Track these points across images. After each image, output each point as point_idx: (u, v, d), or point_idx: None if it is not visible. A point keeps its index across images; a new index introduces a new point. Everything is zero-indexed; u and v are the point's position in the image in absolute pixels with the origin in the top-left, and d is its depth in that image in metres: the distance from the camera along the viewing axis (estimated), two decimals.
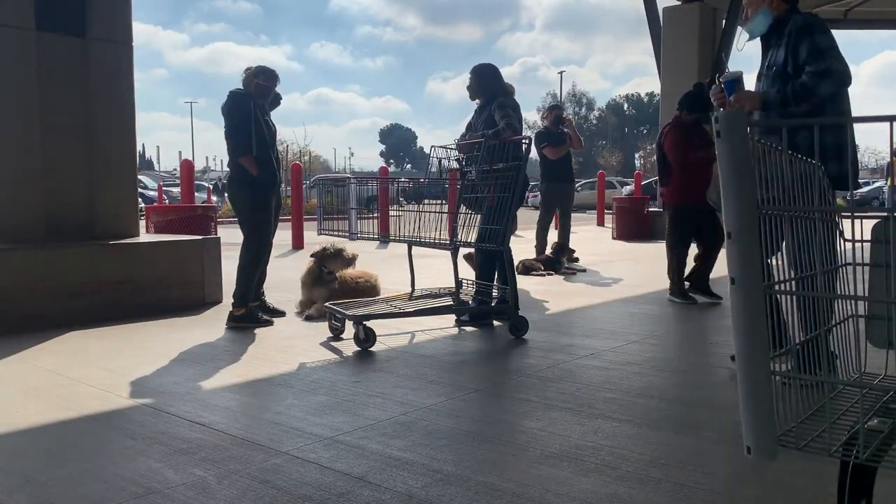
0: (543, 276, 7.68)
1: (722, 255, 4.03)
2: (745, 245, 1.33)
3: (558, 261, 8.11)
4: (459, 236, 4.63)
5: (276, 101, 5.31)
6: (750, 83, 3.47)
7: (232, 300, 4.95)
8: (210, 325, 4.95)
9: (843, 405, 1.57)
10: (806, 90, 3.17)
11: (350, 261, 5.61)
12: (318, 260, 5.46)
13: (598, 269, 8.21)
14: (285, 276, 6.69)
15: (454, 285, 4.67)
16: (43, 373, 3.69)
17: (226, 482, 2.28)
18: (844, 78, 3.17)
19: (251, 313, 4.95)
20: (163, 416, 2.95)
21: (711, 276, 5.99)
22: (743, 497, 2.14)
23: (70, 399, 3.22)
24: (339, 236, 5.18)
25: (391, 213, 6.17)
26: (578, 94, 75.77)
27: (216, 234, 6.62)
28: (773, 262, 1.51)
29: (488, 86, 5.13)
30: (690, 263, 6.04)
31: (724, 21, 13.07)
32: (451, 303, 4.68)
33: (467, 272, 5.05)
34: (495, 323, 4.93)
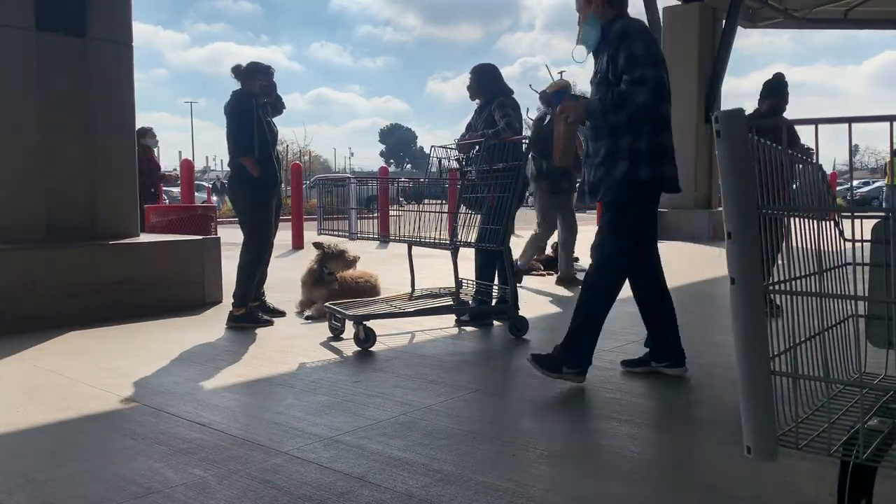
0: (543, 275, 7.68)
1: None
2: (745, 245, 1.33)
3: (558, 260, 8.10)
4: (459, 236, 4.63)
5: (280, 107, 5.29)
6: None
7: (232, 300, 4.95)
8: (210, 325, 4.94)
9: (843, 405, 1.57)
10: (622, 99, 3.21)
11: (351, 262, 5.61)
12: (319, 260, 5.46)
13: None
14: (285, 276, 6.69)
15: (454, 285, 4.67)
16: (43, 373, 3.69)
17: (226, 482, 2.28)
18: (657, 85, 3.21)
19: (251, 313, 4.95)
20: (163, 416, 2.95)
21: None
22: (743, 497, 2.14)
23: (70, 399, 3.22)
24: (339, 236, 5.18)
25: (391, 213, 6.17)
26: (579, 94, 75.54)
27: (216, 234, 6.62)
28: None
29: (488, 86, 5.13)
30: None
31: (723, 21, 13.07)
32: (451, 303, 4.68)
33: (467, 272, 5.04)
34: (495, 323, 4.93)
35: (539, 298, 6.10)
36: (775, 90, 5.69)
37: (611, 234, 3.37)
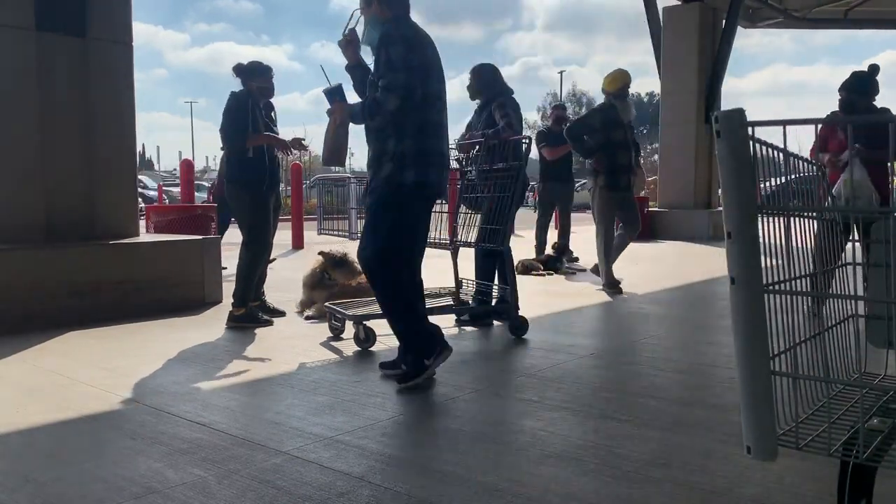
0: (543, 276, 7.69)
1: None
2: (745, 245, 1.33)
3: (559, 260, 8.12)
4: (459, 236, 4.63)
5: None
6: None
7: (232, 300, 4.96)
8: (210, 325, 4.94)
9: (843, 405, 1.57)
10: (376, 104, 3.25)
11: (353, 274, 5.56)
12: (322, 266, 5.44)
13: None
14: (285, 276, 6.69)
15: (454, 285, 4.67)
16: (43, 373, 3.69)
17: (226, 482, 2.28)
18: (407, 93, 3.21)
19: (251, 313, 4.95)
20: (163, 416, 2.95)
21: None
22: (743, 497, 2.14)
23: (70, 399, 3.22)
24: (339, 236, 5.18)
25: None
26: (578, 93, 75.69)
27: (216, 234, 6.62)
28: (768, 262, 1.51)
29: (488, 86, 5.13)
30: None
31: (723, 21, 13.08)
32: (451, 303, 4.68)
33: (467, 272, 5.04)
34: (495, 323, 4.93)
35: (539, 298, 6.10)
36: (852, 85, 5.06)
37: (373, 234, 3.39)
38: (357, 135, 3.60)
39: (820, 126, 5.33)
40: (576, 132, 6.51)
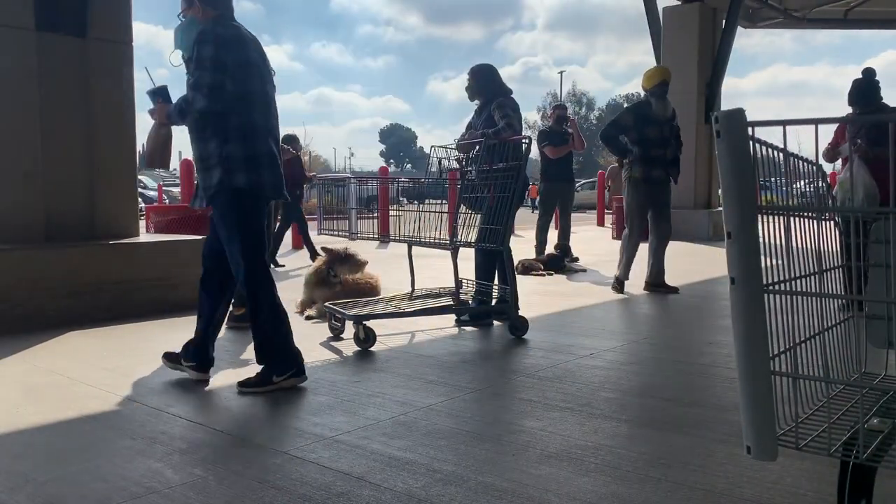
0: (543, 275, 7.69)
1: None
2: (745, 245, 1.33)
3: (562, 260, 8.13)
4: (459, 236, 4.63)
5: None
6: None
7: (232, 300, 4.94)
8: None
9: (843, 405, 1.57)
10: (186, 104, 3.21)
11: (359, 267, 5.57)
12: (328, 262, 5.44)
13: (598, 269, 8.21)
14: (285, 276, 6.69)
15: (454, 285, 4.67)
16: (43, 373, 3.69)
17: (226, 482, 2.27)
18: (212, 91, 3.15)
19: None
20: (163, 416, 2.95)
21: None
22: (743, 497, 2.14)
23: (70, 399, 3.21)
24: (339, 236, 5.18)
25: (391, 213, 6.17)
26: (578, 93, 75.85)
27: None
28: (768, 261, 1.51)
29: (487, 86, 5.13)
30: None
31: (723, 21, 13.08)
32: (451, 303, 4.68)
33: (467, 272, 5.04)
34: (495, 323, 4.93)
35: (539, 298, 6.10)
36: (853, 97, 5.27)
37: (232, 245, 3.35)
38: (356, 133, 3.58)
39: (836, 126, 5.50)
40: (608, 134, 6.38)
